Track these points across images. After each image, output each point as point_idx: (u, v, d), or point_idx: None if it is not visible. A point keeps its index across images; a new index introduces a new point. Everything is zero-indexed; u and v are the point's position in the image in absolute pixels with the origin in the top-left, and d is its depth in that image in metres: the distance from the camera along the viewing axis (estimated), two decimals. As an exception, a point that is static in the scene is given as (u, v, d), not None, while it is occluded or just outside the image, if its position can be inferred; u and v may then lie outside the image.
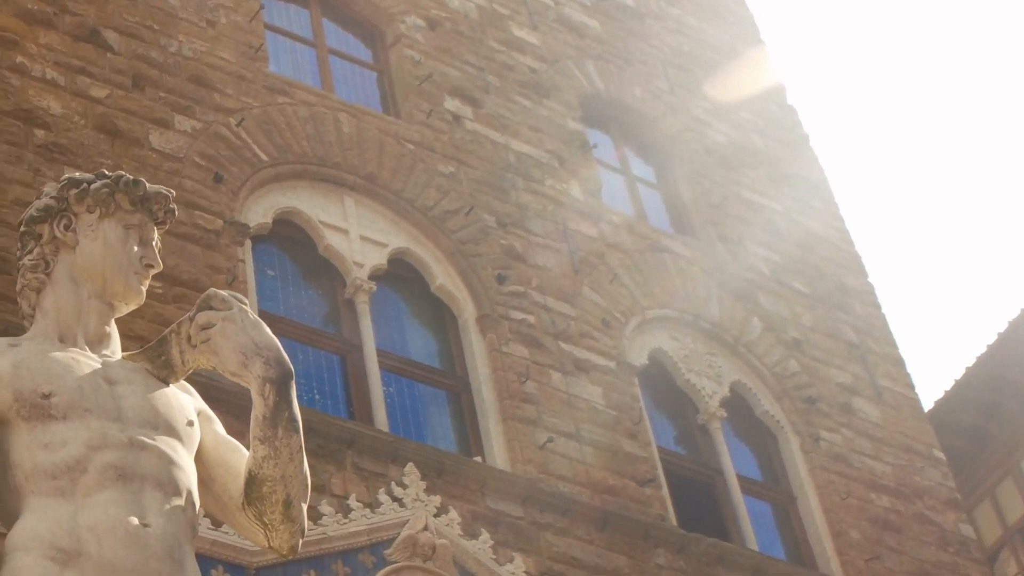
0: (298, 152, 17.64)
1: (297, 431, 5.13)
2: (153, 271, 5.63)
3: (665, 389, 18.98)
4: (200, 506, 5.35)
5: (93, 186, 5.56)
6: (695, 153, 22.63)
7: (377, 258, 17.35)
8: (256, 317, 5.23)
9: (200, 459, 5.35)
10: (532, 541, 15.47)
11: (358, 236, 17.41)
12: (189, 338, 5.30)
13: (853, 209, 47.96)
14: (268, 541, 5.28)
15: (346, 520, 14.10)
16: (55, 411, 5.03)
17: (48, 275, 5.53)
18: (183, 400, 5.44)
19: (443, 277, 17.78)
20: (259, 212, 16.85)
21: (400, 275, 17.68)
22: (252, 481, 5.16)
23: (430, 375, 17.10)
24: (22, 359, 5.17)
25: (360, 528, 14.09)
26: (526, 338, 17.52)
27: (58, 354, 5.25)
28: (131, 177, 5.62)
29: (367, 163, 18.15)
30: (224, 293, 5.29)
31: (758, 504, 18.50)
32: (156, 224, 5.69)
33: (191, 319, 5.31)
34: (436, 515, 14.66)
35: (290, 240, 17.21)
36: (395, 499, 14.62)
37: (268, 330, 5.21)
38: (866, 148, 55.16)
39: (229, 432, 5.59)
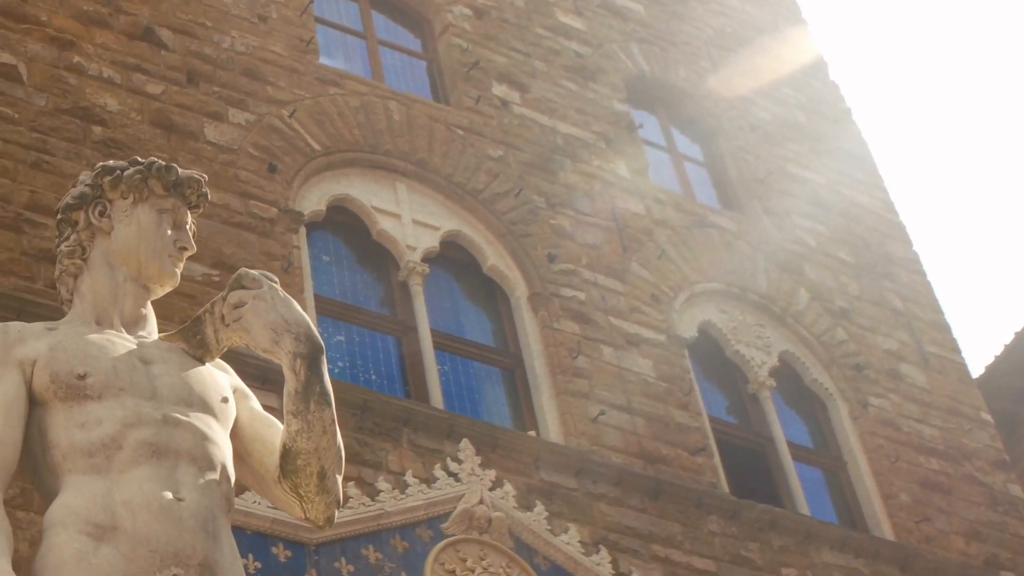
0: (350, 140, 17.60)
1: (329, 404, 5.06)
2: (187, 253, 5.57)
3: (715, 360, 18.85)
4: (237, 480, 5.32)
5: (126, 173, 5.52)
6: (740, 130, 22.49)
7: (429, 241, 17.30)
8: (286, 295, 5.15)
9: (236, 435, 5.29)
10: (586, 511, 15.38)
11: (410, 220, 17.37)
12: (222, 317, 5.23)
13: (896, 179, 47.67)
14: (304, 513, 5.20)
15: (403, 496, 14.03)
16: (90, 391, 4.99)
17: (85, 260, 5.48)
18: (218, 378, 5.37)
19: (495, 258, 17.71)
20: (313, 200, 16.82)
21: (452, 257, 17.61)
22: (287, 455, 5.08)
23: (484, 353, 17.03)
24: (58, 342, 5.14)
25: (417, 503, 14.02)
26: (577, 314, 17.43)
27: (94, 336, 5.22)
28: (163, 163, 5.56)
29: (418, 149, 18.10)
30: (255, 272, 5.22)
31: (809, 470, 18.34)
32: (190, 208, 5.63)
33: (224, 299, 5.27)
34: (491, 489, 14.58)
35: (344, 226, 17.17)
36: (451, 474, 14.55)
37: (298, 307, 5.12)
38: (907, 119, 54.84)
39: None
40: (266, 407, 5.56)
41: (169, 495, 4.80)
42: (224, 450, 5.10)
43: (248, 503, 12.95)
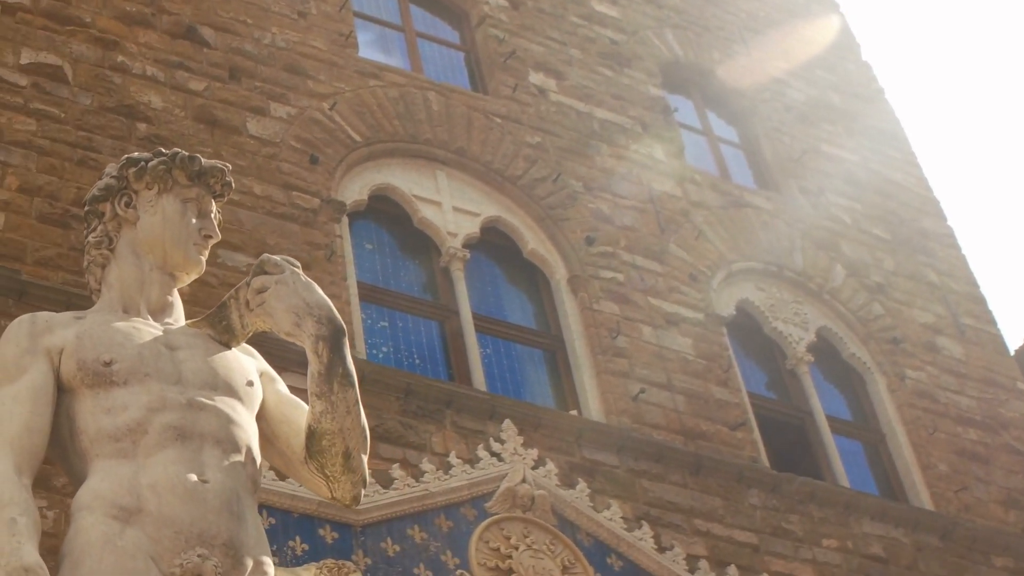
0: (390, 131, 17.54)
1: (352, 385, 5.07)
2: (212, 241, 5.69)
3: (753, 337, 18.70)
4: (265, 461, 5.36)
5: (151, 164, 5.61)
6: (774, 111, 22.34)
7: (470, 227, 17.22)
8: (308, 279, 5.20)
9: (264, 417, 5.32)
10: (628, 488, 15.27)
11: (451, 207, 17.30)
12: (247, 303, 5.30)
13: (930, 156, 47.37)
14: (331, 492, 5.21)
15: (447, 476, 13.95)
16: (116, 377, 5.05)
17: (112, 251, 5.57)
18: (244, 362, 5.42)
19: (534, 242, 17.61)
20: (355, 190, 16.76)
21: (493, 242, 17.52)
22: (312, 435, 5.10)
23: (526, 335, 16.92)
24: (85, 330, 5.19)
25: (461, 483, 13.94)
26: (616, 295, 17.33)
27: (120, 324, 5.27)
28: (186, 153, 5.66)
29: (457, 138, 18.02)
30: (277, 258, 5.30)
31: (848, 443, 18.17)
32: (214, 197, 5.74)
33: (247, 284, 5.28)
34: (534, 467, 14.48)
35: (386, 215, 17.10)
36: (494, 454, 14.46)
37: (319, 290, 5.17)
38: (938, 95, 54.36)
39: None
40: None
41: (194, 477, 4.84)
42: (249, 432, 5.14)
43: (295, 486, 12.88)
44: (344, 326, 5.07)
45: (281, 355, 7.98)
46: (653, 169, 19.54)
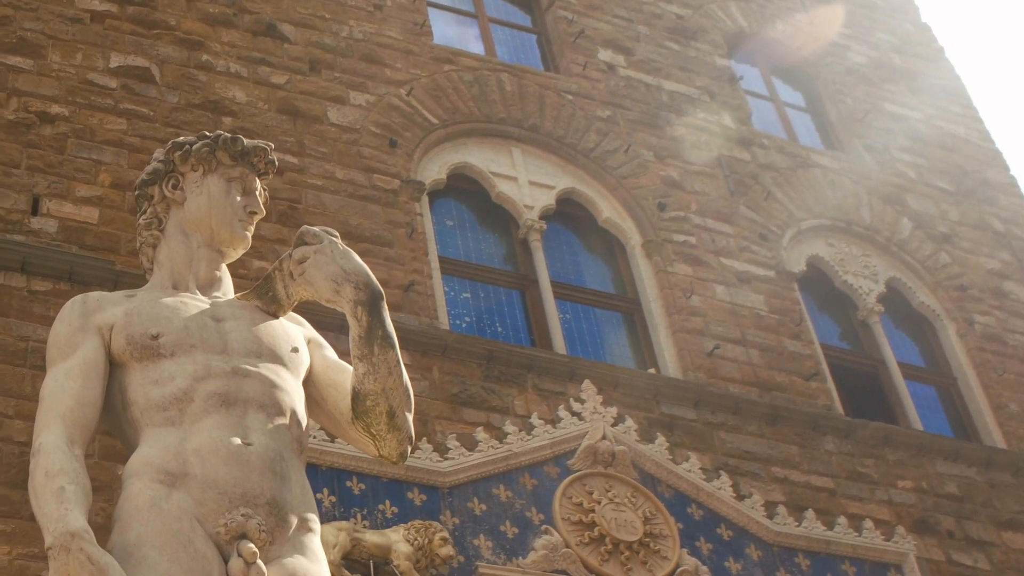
0: (465, 112, 17.41)
1: (392, 347, 4.97)
2: (257, 217, 5.59)
3: (824, 291, 18.40)
4: (317, 423, 5.39)
5: (195, 146, 5.56)
6: (837, 75, 22.02)
7: (545, 199, 17.07)
8: (346, 247, 5.11)
9: (312, 382, 5.26)
10: (706, 440, 15.07)
11: (527, 181, 17.16)
12: (290, 273, 5.19)
13: (991, 109, 46.60)
14: (378, 450, 5.11)
15: (530, 437, 13.81)
16: (163, 350, 5.00)
17: (161, 231, 5.55)
18: (290, 330, 5.34)
19: (608, 210, 17.43)
20: (433, 170, 16.66)
21: (568, 212, 17.35)
22: (356, 397, 5.02)
23: (603, 299, 16.74)
24: (134, 307, 5.18)
25: (543, 443, 13.80)
26: (689, 257, 17.11)
27: (168, 300, 5.25)
28: (229, 135, 5.57)
29: (530, 115, 17.87)
30: (316, 228, 5.19)
31: (920, 388, 17.85)
32: (259, 175, 5.64)
33: (290, 256, 5.20)
34: (613, 425, 14.32)
35: (465, 192, 16.98)
36: (574, 414, 14.30)
37: (357, 258, 5.09)
38: (998, 51, 53.56)
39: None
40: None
41: (237, 440, 4.78)
42: (294, 396, 5.07)
43: (383, 453, 12.80)
44: (382, 291, 4.98)
45: (334, 322, 7.84)
46: (721, 135, 19.30)
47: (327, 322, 7.46)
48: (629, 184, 17.65)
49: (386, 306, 5.00)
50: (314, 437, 12.66)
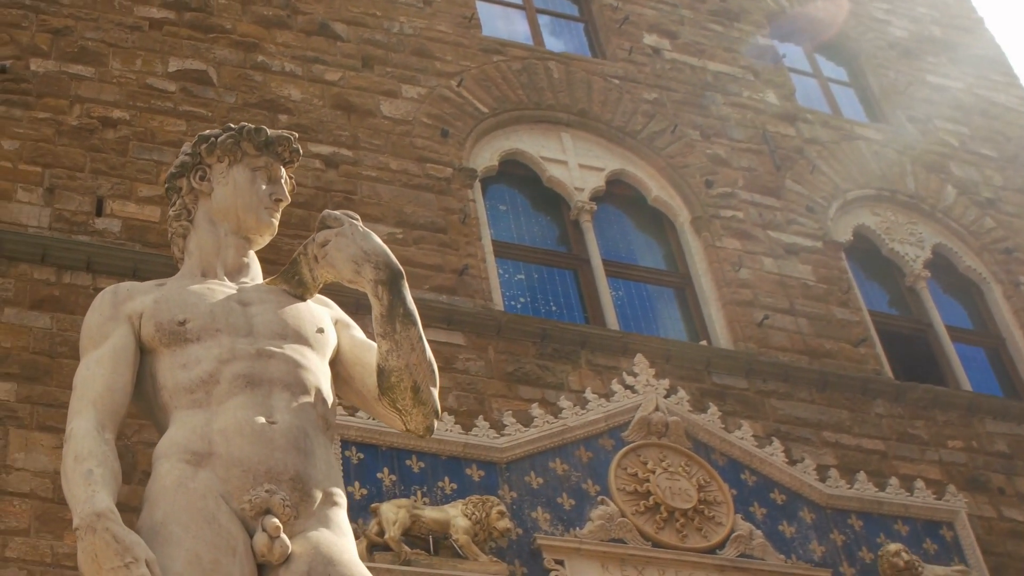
0: (515, 101, 17.30)
1: (414, 324, 4.90)
2: (282, 204, 5.55)
3: (871, 260, 18.15)
4: (347, 400, 5.30)
5: (220, 139, 5.55)
6: (879, 49, 21.73)
7: (595, 181, 16.94)
8: (366, 229, 5.04)
9: (340, 361, 5.23)
10: (758, 408, 14.90)
11: (577, 165, 17.04)
12: (315, 257, 5.14)
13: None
14: (405, 425, 5.04)
15: (584, 411, 13.68)
16: (190, 335, 4.98)
17: (191, 221, 5.54)
18: (315, 311, 5.30)
19: (657, 189, 17.27)
20: (485, 157, 16.56)
21: (618, 193, 17.20)
22: (381, 373, 4.96)
23: (655, 276, 16.58)
24: (163, 295, 5.15)
25: (598, 416, 13.66)
26: (737, 232, 16.93)
27: (195, 287, 5.24)
28: (253, 126, 5.54)
29: (578, 101, 17.73)
30: (337, 212, 5.13)
31: (969, 349, 17.57)
32: (284, 164, 5.60)
33: (314, 240, 5.15)
34: (666, 396, 14.15)
35: (516, 177, 16.86)
36: (627, 387, 14.14)
37: (377, 239, 5.02)
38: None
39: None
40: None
41: (262, 419, 4.74)
42: (319, 375, 5.03)
43: (441, 432, 12.75)
44: (402, 270, 4.91)
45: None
46: (766, 112, 19.08)
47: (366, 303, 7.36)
48: (676, 163, 17.48)
49: (406, 284, 4.92)
50: (372, 419, 12.61)
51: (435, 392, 5.00)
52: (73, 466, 4.53)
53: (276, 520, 4.53)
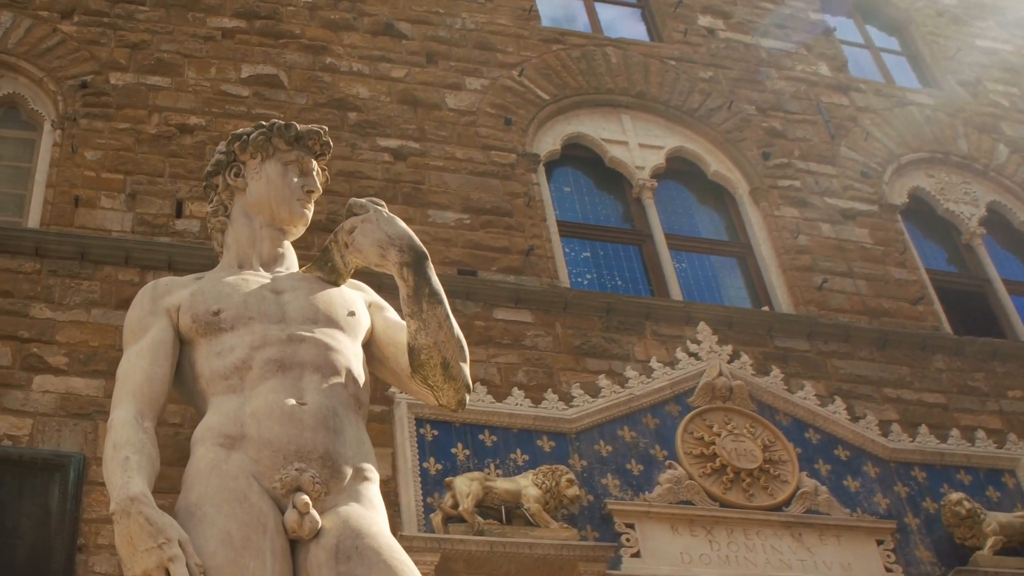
0: (574, 87, 17.12)
1: (440, 303, 4.87)
2: (314, 196, 5.52)
3: (927, 220, 17.77)
4: (381, 378, 5.30)
5: (252, 136, 5.54)
6: (928, 18, 21.32)
7: (655, 159, 16.72)
8: (390, 214, 5.01)
9: (374, 342, 5.20)
10: (820, 368, 14.63)
11: (637, 144, 16.83)
12: (345, 244, 5.13)
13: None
14: (437, 400, 5.02)
15: (650, 380, 13.49)
16: (224, 324, 4.99)
17: (227, 217, 5.53)
18: (347, 296, 5.28)
19: (716, 164, 17.03)
20: (548, 142, 16.39)
21: (678, 170, 16.96)
22: (411, 352, 4.93)
23: (716, 247, 16.33)
24: (199, 288, 5.17)
25: (663, 384, 13.48)
26: (794, 200, 16.65)
27: (230, 278, 5.25)
28: (283, 122, 5.54)
29: (636, 84, 17.52)
30: (363, 200, 5.12)
31: (1027, 302, 17.26)
32: (316, 157, 5.59)
33: (342, 227, 5.13)
34: (729, 361, 13.95)
35: (579, 159, 16.68)
36: (691, 355, 13.94)
37: (401, 223, 4.99)
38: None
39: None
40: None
41: (292, 401, 4.71)
42: (349, 356, 5.01)
43: (512, 405, 12.65)
44: (426, 251, 4.87)
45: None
46: (819, 84, 18.76)
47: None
48: (734, 138, 17.23)
49: (431, 265, 4.88)
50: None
51: (465, 367, 4.95)
52: (112, 454, 4.53)
53: (305, 497, 4.49)
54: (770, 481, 12.94)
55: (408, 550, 10.84)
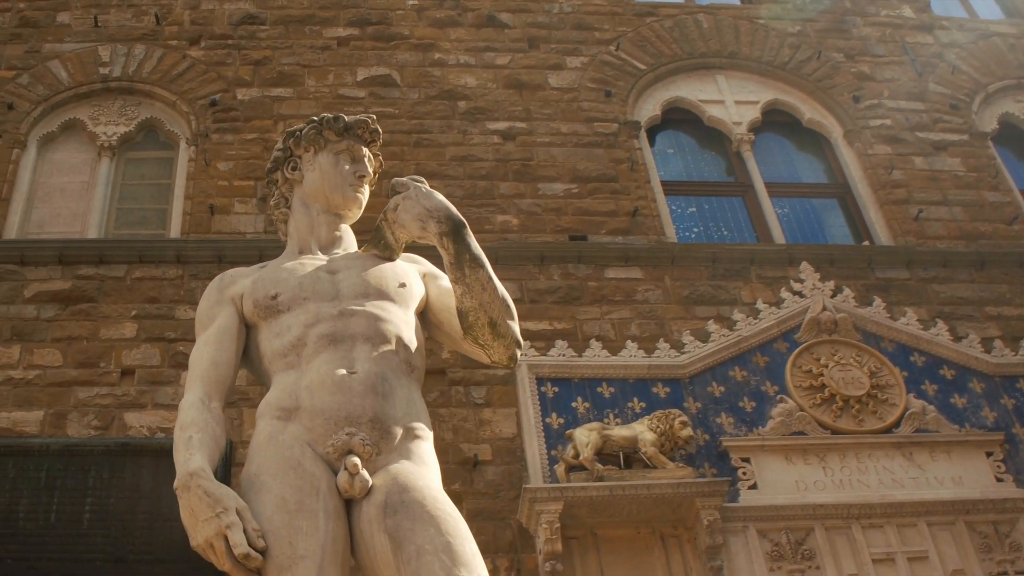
0: (669, 54, 16.75)
1: (481, 266, 4.83)
2: (367, 180, 5.53)
3: (1018, 144, 17.04)
4: (440, 343, 5.48)
5: (304, 131, 5.56)
6: (1007, -49, 20.54)
7: (751, 114, 16.29)
8: (429, 189, 4.98)
9: (430, 309, 5.21)
10: (920, 295, 14.11)
11: (732, 102, 16.42)
12: (392, 221, 5.10)
13: None
14: (489, 358, 5.00)
15: (757, 320, 13.14)
16: (281, 306, 5.03)
17: (288, 208, 5.57)
18: (400, 269, 5.27)
19: (810, 112, 16.53)
20: (648, 109, 16.06)
21: (775, 121, 16.50)
22: (460, 315, 4.93)
23: (815, 190, 15.83)
24: (260, 276, 5.20)
25: (770, 323, 13.08)
26: (886, 138, 16.09)
27: (289, 264, 5.25)
28: (331, 116, 5.56)
29: (727, 45, 17.08)
30: (403, 179, 5.11)
31: (1124, 212, 16.45)
32: (366, 144, 5.60)
33: (389, 206, 5.12)
34: (832, 296, 13.54)
35: (679, 122, 16.31)
36: (795, 293, 13.54)
37: (439, 196, 4.95)
38: None
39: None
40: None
41: (343, 371, 4.70)
42: (400, 325, 4.99)
43: (626, 359, 12.40)
44: (463, 220, 4.81)
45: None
46: (904, 26, 18.12)
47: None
48: (825, 85, 16.71)
49: (470, 232, 4.81)
50: (563, 355, 12.33)
51: (514, 325, 4.89)
52: (178, 434, 4.57)
53: (355, 459, 4.49)
54: (879, 406, 12.50)
55: (534, 500, 10.70)
